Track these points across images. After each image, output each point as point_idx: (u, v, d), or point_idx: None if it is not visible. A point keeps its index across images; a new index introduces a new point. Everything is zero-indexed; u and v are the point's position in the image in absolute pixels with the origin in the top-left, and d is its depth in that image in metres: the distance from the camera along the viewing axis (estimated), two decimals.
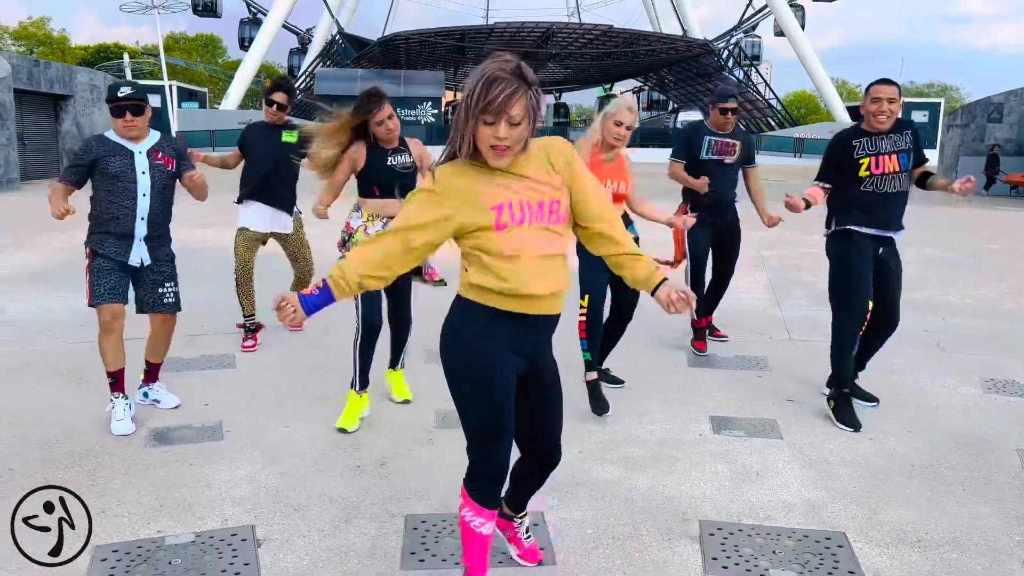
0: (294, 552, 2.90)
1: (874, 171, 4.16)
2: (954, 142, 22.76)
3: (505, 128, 2.13)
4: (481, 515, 2.41)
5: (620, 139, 4.31)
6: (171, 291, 4.15)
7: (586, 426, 4.14)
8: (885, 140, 4.17)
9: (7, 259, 8.60)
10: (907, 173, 4.22)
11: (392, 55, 49.29)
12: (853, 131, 4.29)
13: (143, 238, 3.99)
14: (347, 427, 4.02)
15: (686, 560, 2.89)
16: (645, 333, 5.89)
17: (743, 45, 49.68)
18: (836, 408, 4.28)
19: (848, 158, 4.21)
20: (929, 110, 43.88)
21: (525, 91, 2.13)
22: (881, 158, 4.16)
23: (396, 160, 4.09)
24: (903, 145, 4.18)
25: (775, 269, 8.76)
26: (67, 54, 60.56)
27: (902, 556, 2.93)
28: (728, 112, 5.31)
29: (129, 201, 3.92)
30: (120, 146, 3.92)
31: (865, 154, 4.18)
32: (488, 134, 2.14)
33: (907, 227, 4.35)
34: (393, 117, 4.02)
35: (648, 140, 43.95)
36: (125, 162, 3.90)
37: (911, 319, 6.52)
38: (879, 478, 3.59)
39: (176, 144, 4.12)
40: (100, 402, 4.30)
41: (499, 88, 2.10)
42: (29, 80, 18.47)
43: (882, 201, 4.20)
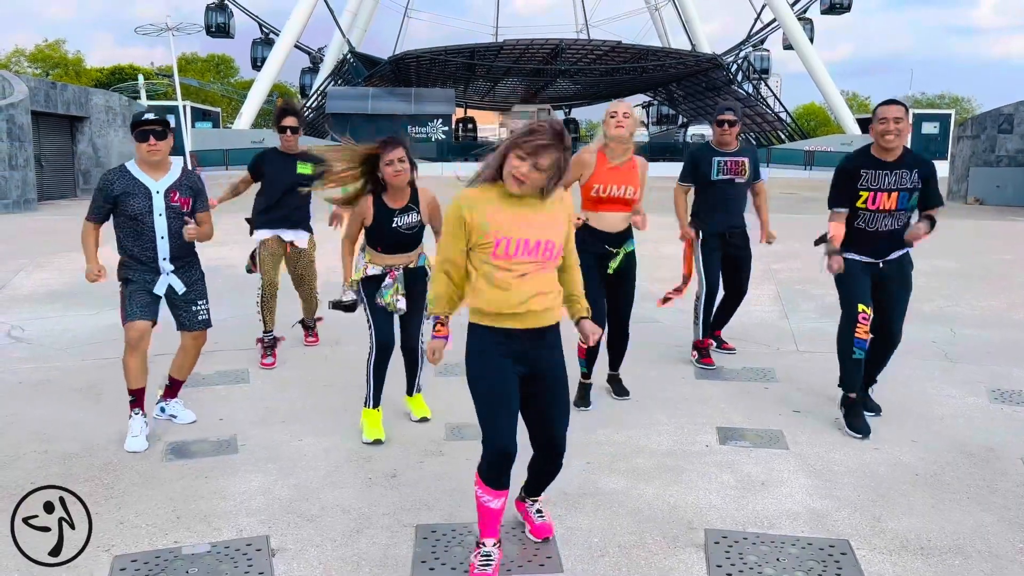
0: (307, 562, 2.97)
1: (869, 206, 4.17)
2: (964, 153, 22.71)
3: (529, 168, 2.63)
4: (488, 494, 2.84)
5: (622, 124, 4.39)
6: (204, 308, 4.32)
7: (594, 437, 4.20)
8: (890, 175, 4.13)
9: (27, 279, 8.75)
10: (904, 211, 4.17)
11: (403, 73, 49.70)
12: (864, 157, 4.23)
13: (169, 272, 4.15)
14: (380, 436, 4.13)
15: (691, 568, 2.94)
16: (654, 347, 5.95)
17: (752, 59, 49.78)
18: (845, 415, 4.33)
19: (852, 186, 4.20)
20: (940, 122, 43.71)
21: (559, 149, 2.63)
22: (880, 195, 4.15)
23: (402, 221, 4.10)
24: (906, 184, 4.13)
25: (784, 282, 8.79)
26: (82, 76, 61.34)
27: (905, 563, 2.97)
28: (726, 124, 5.37)
29: (150, 243, 4.08)
30: (140, 184, 4.04)
31: (866, 188, 4.16)
32: (516, 165, 2.65)
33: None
34: (404, 161, 3.94)
35: (658, 154, 44.06)
36: (143, 204, 4.03)
37: (919, 331, 6.55)
38: (883, 487, 3.63)
39: (194, 181, 4.21)
40: (117, 418, 4.40)
41: (540, 136, 2.61)
42: (46, 102, 18.76)
43: (870, 238, 4.22)
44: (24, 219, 15.08)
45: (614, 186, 4.42)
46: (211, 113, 48.03)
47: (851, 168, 4.23)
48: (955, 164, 23.41)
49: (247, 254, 5.84)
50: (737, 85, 48.31)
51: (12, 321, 6.83)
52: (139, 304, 4.09)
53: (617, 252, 4.52)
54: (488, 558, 2.86)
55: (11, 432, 4.24)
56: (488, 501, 2.84)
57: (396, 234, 4.12)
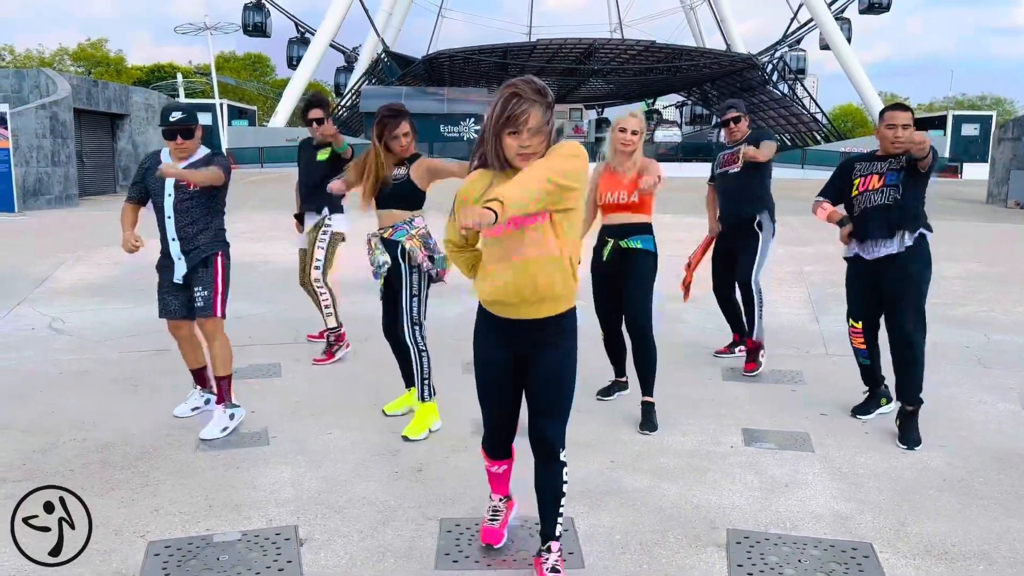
0: (334, 552, 3.04)
1: (860, 189, 4.33)
2: (1005, 156, 22.26)
3: (528, 136, 2.49)
4: (490, 462, 3.02)
5: (628, 143, 4.42)
6: (200, 296, 4.22)
7: (619, 436, 4.23)
8: (883, 162, 4.31)
9: (67, 272, 8.98)
10: (891, 187, 4.23)
11: (436, 73, 49.94)
12: (864, 154, 4.48)
13: (178, 255, 4.22)
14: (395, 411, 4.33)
15: (712, 567, 2.96)
16: (679, 348, 5.96)
17: (788, 59, 49.23)
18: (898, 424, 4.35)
19: (847, 179, 4.42)
20: (980, 123, 42.89)
21: (542, 104, 2.49)
22: (870, 177, 4.30)
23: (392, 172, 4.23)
24: (896, 165, 4.26)
25: (815, 285, 8.72)
26: (123, 74, 62.50)
27: (928, 567, 2.96)
28: (731, 123, 5.48)
29: (161, 223, 4.20)
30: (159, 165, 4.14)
31: (859, 174, 4.36)
32: (514, 144, 2.51)
33: (950, 243, 4.36)
34: (409, 134, 4.18)
35: (691, 155, 43.77)
36: (157, 184, 4.15)
37: (952, 335, 6.48)
38: (910, 491, 3.61)
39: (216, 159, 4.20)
40: (153, 410, 4.52)
41: (518, 103, 2.46)
42: (88, 100, 19.19)
43: (862, 216, 4.33)
44: (65, 214, 15.44)
45: (620, 191, 4.47)
46: (247, 111, 48.64)
47: (847, 163, 4.50)
48: (995, 167, 22.95)
49: (295, 251, 6.00)
50: (772, 85, 47.82)
51: (53, 313, 7.02)
52: (162, 304, 4.32)
53: (610, 240, 4.50)
54: (496, 512, 3.11)
55: (51, 420, 4.38)
56: (492, 468, 3.05)
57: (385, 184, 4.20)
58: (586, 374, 4.83)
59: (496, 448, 2.97)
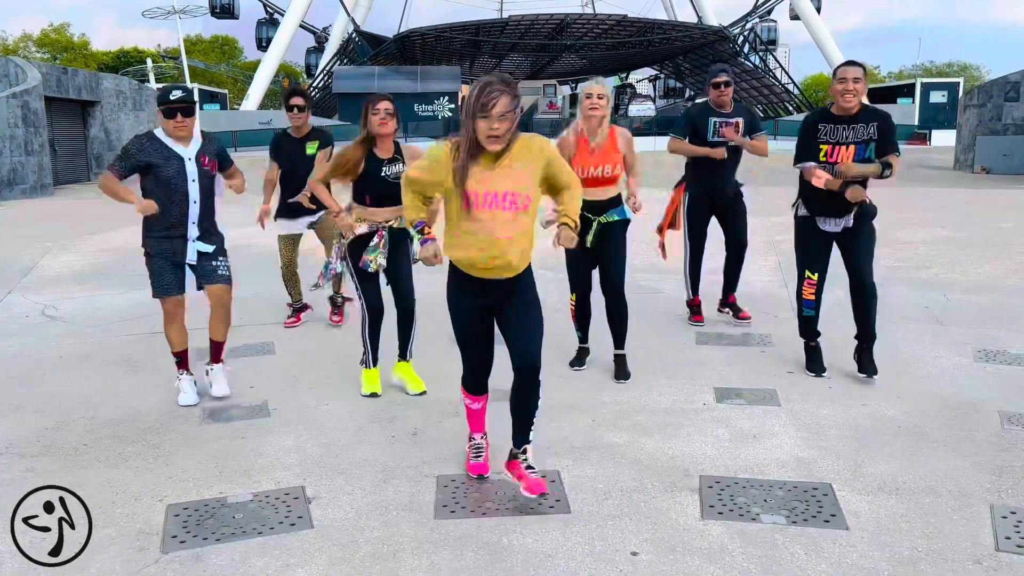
0: (340, 507, 3.30)
1: (828, 159, 4.47)
2: (971, 122, 22.73)
3: (497, 121, 2.92)
4: (470, 398, 3.54)
5: (596, 108, 4.64)
6: (224, 264, 4.53)
7: (600, 398, 4.51)
8: (847, 130, 4.43)
9: (53, 261, 9.09)
10: (862, 162, 4.43)
11: (408, 51, 49.71)
12: (821, 114, 4.58)
13: (196, 237, 4.41)
14: (376, 390, 4.55)
15: (686, 508, 3.25)
16: (656, 316, 6.25)
17: (758, 30, 49.55)
18: (806, 360, 4.91)
19: (813, 141, 4.52)
20: (948, 90, 43.51)
21: (510, 94, 2.94)
22: (839, 148, 4.45)
23: (390, 171, 4.41)
24: (864, 136, 4.42)
25: (786, 253, 9.03)
26: (89, 59, 61.56)
27: (880, 502, 3.28)
28: (722, 86, 5.66)
29: (182, 207, 4.33)
30: (172, 152, 4.29)
31: (825, 141, 4.48)
32: (485, 127, 2.95)
33: (918, 209, 4.64)
34: (391, 113, 4.33)
35: (665, 128, 43.97)
36: (177, 171, 4.28)
37: (914, 296, 6.83)
38: (867, 437, 3.93)
39: (216, 144, 4.51)
40: (155, 387, 4.74)
41: (489, 91, 2.92)
42: (58, 87, 19.06)
43: (831, 192, 4.44)
44: (42, 204, 15.44)
45: (592, 167, 4.67)
46: (218, 95, 48.20)
47: (810, 123, 4.58)
48: (961, 133, 23.42)
49: (271, 234, 6.21)
50: (744, 57, 48.13)
51: (45, 301, 7.17)
52: (166, 282, 4.41)
53: (594, 219, 4.69)
54: (479, 448, 3.58)
55: (60, 400, 4.59)
56: (471, 404, 3.55)
57: (384, 183, 4.39)
58: (561, 342, 5.13)
59: (474, 385, 3.48)
